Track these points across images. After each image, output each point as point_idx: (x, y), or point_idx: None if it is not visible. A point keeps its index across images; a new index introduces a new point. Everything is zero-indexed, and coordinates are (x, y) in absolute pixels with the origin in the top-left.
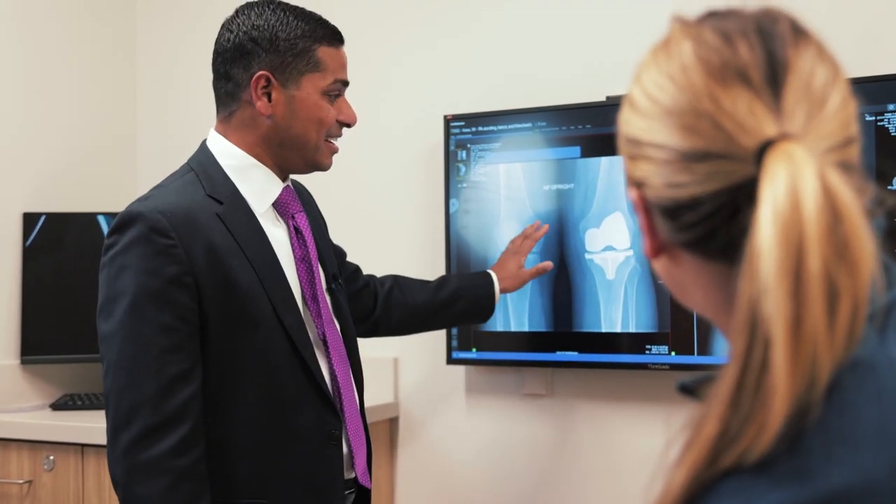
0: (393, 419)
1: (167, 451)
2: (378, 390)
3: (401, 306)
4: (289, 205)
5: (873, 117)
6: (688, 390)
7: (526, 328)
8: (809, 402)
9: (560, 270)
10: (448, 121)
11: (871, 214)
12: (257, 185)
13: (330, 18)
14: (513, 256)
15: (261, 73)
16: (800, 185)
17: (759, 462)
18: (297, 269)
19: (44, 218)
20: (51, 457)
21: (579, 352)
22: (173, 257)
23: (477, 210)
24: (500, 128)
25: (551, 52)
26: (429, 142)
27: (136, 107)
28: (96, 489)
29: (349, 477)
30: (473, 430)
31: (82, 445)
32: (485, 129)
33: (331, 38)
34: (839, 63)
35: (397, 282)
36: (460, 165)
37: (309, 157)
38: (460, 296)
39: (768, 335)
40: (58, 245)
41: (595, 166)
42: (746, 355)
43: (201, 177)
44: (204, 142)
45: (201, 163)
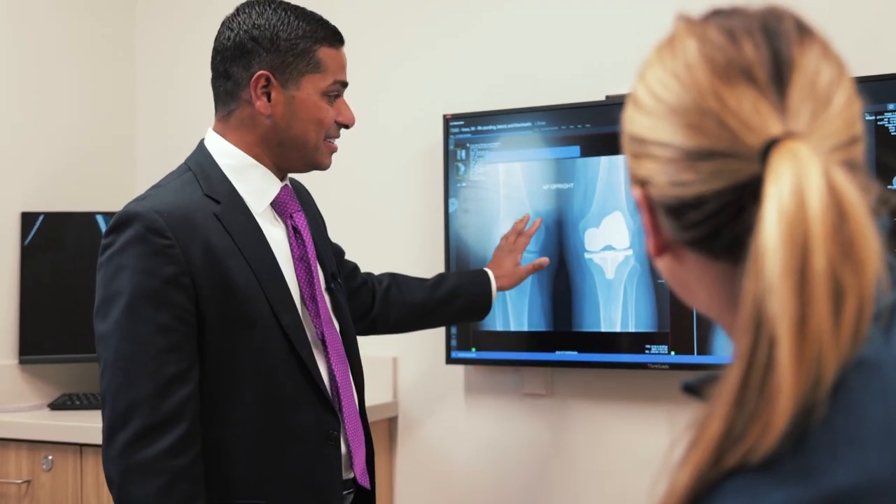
0: (392, 419)
1: (163, 452)
2: (377, 390)
3: (398, 304)
4: (287, 204)
5: (873, 117)
6: (692, 390)
7: (525, 328)
8: (814, 401)
9: (559, 270)
10: (447, 120)
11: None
12: (255, 184)
13: (330, 18)
14: (509, 254)
15: (261, 72)
16: (805, 183)
17: (764, 461)
18: (296, 268)
19: (42, 217)
20: (49, 457)
21: (579, 351)
22: (170, 257)
23: (476, 209)
24: (499, 127)
25: (551, 51)
26: (428, 141)
27: (135, 106)
28: (95, 489)
29: (348, 477)
30: (473, 430)
31: (81, 445)
32: (484, 128)
33: (331, 39)
34: (844, 62)
35: (395, 279)
36: (460, 165)
37: (308, 157)
38: (458, 294)
39: (773, 334)
40: (56, 245)
41: (594, 166)
42: (751, 354)
43: (199, 176)
44: (202, 141)
45: (199, 162)
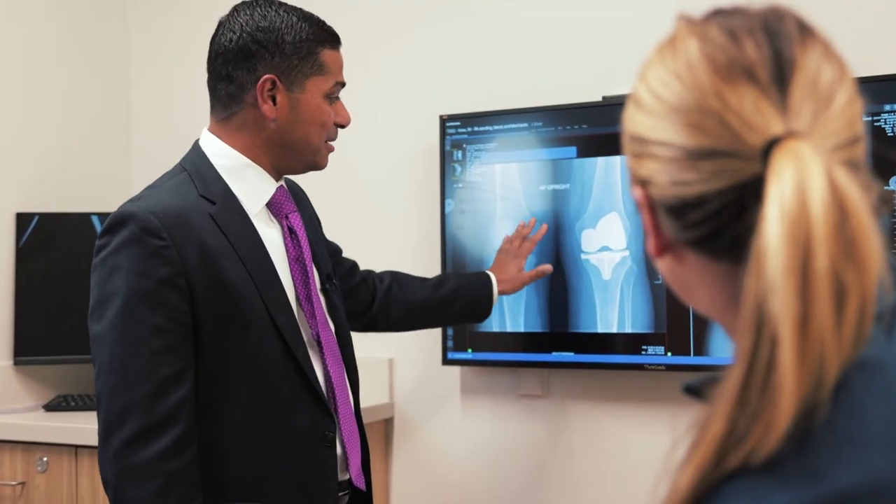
0: (388, 420)
1: (159, 454)
2: (373, 391)
3: (400, 303)
4: (282, 205)
5: (870, 117)
6: (693, 391)
7: (522, 329)
8: (817, 402)
9: (556, 271)
10: (444, 121)
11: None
12: (251, 185)
13: (326, 19)
14: (513, 259)
15: (267, 76)
16: (807, 182)
17: (767, 462)
18: (291, 269)
19: (37, 218)
20: (44, 458)
21: (575, 352)
22: (165, 258)
23: (472, 210)
24: (495, 128)
25: (547, 52)
26: (424, 142)
27: (130, 107)
28: (90, 490)
29: (343, 478)
30: (469, 431)
31: (76, 446)
32: (480, 129)
33: (332, 40)
34: (845, 61)
35: (396, 278)
36: (456, 165)
37: (309, 159)
38: (460, 295)
39: (775, 334)
40: (51, 245)
41: (591, 166)
42: (753, 354)
43: (194, 177)
44: (197, 142)
45: (194, 163)
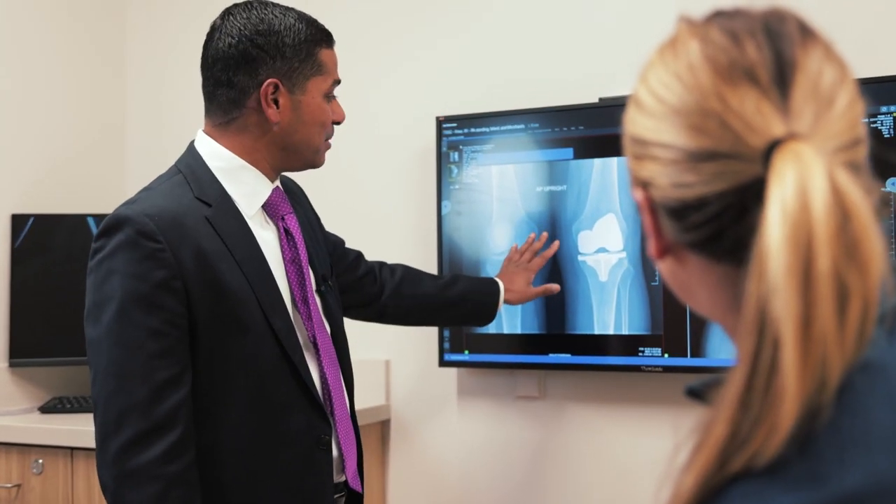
0: (384, 422)
1: (157, 458)
2: (369, 393)
3: (410, 297)
4: (278, 206)
5: (866, 119)
6: (695, 394)
7: (518, 330)
8: (820, 404)
9: (552, 272)
10: (440, 122)
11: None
12: (246, 187)
13: (324, 21)
14: (523, 272)
15: (270, 80)
16: (808, 184)
17: (770, 465)
18: (287, 271)
19: (32, 219)
20: (40, 460)
21: (572, 354)
22: (161, 261)
23: (469, 212)
24: (492, 129)
25: (544, 53)
26: (421, 143)
27: (125, 108)
28: (86, 493)
29: (339, 480)
30: (465, 433)
31: (71, 449)
32: (477, 130)
33: (328, 39)
34: (847, 63)
35: (409, 272)
36: (452, 167)
37: (308, 158)
38: (468, 298)
39: (777, 336)
40: (47, 247)
41: (588, 168)
42: (755, 357)
43: (189, 179)
44: (192, 143)
45: (189, 165)
